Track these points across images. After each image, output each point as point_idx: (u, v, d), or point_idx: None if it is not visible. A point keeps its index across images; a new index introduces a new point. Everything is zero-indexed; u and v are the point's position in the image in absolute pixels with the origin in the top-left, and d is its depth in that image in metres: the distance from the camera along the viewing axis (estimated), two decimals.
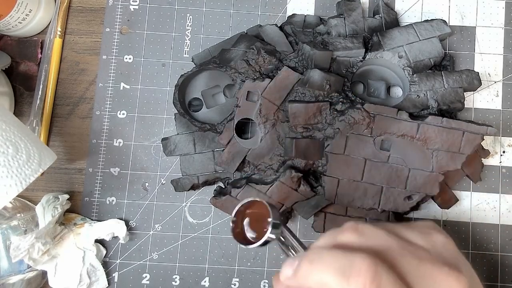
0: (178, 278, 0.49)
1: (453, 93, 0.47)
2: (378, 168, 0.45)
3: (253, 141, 0.47)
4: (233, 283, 0.49)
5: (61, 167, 0.51)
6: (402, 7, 0.52)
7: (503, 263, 0.48)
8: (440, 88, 0.47)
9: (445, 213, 0.49)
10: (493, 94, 0.50)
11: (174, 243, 0.49)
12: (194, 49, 0.51)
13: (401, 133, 0.45)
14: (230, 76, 0.48)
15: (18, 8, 0.48)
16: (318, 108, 0.45)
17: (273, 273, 0.49)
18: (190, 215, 0.50)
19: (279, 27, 0.49)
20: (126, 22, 0.52)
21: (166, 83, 0.51)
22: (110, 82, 0.51)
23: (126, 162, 0.50)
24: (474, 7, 0.51)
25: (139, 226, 0.50)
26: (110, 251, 0.49)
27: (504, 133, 0.50)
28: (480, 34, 0.51)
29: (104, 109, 0.51)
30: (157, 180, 0.50)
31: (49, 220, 0.46)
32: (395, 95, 0.50)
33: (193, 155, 0.49)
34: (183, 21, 0.52)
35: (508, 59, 0.51)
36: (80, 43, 0.52)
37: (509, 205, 0.49)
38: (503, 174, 0.50)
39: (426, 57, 0.47)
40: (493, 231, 0.49)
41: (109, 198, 0.50)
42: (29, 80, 0.51)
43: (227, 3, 0.52)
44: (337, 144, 0.45)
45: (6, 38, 0.51)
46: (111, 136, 0.51)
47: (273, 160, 0.47)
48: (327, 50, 0.46)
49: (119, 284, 0.49)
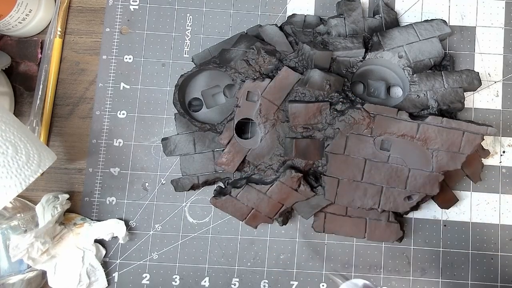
0: (178, 278, 0.49)
1: (453, 93, 0.47)
2: (378, 168, 0.45)
3: (253, 141, 0.47)
4: (233, 283, 0.49)
5: (61, 167, 0.51)
6: (402, 7, 0.52)
7: (503, 263, 0.48)
8: (440, 88, 0.47)
9: (445, 213, 0.49)
10: (493, 94, 0.50)
11: (174, 243, 0.49)
12: (194, 49, 0.51)
13: (401, 133, 0.45)
14: (230, 76, 0.48)
15: (18, 8, 0.47)
16: (318, 108, 0.45)
17: (273, 273, 0.49)
18: (190, 215, 0.50)
19: (279, 27, 0.49)
20: (126, 22, 0.52)
21: (166, 83, 0.51)
22: (110, 82, 0.51)
23: (126, 162, 0.50)
24: (474, 7, 0.51)
25: (139, 226, 0.50)
26: (110, 251, 0.49)
27: (504, 133, 0.50)
28: (480, 34, 0.51)
29: (104, 109, 0.51)
30: (157, 180, 0.50)
31: (49, 219, 0.46)
32: (395, 95, 0.50)
33: (193, 155, 0.49)
34: (183, 21, 0.52)
35: (508, 59, 0.51)
36: (80, 43, 0.52)
37: (509, 205, 0.49)
38: (503, 174, 0.50)
39: (426, 57, 0.47)
40: (493, 231, 0.49)
41: (109, 198, 0.50)
42: (29, 80, 0.51)
43: (227, 3, 0.52)
44: (337, 144, 0.45)
45: (6, 38, 0.51)
46: (111, 136, 0.51)
47: (273, 160, 0.47)
48: (327, 50, 0.46)
49: (119, 284, 0.49)
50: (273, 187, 0.46)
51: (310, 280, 0.49)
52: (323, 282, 0.49)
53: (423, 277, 0.49)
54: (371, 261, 0.49)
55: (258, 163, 0.47)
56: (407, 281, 0.49)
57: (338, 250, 0.49)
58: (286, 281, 0.49)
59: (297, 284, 0.49)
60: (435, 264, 0.49)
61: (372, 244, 0.49)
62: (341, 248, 0.49)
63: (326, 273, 0.49)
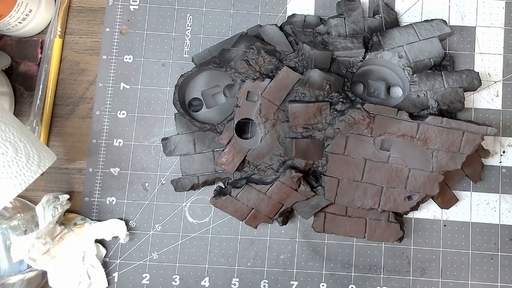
0: (178, 278, 0.49)
1: (453, 93, 0.47)
2: (378, 168, 0.45)
3: (253, 141, 0.47)
4: (233, 283, 0.49)
5: (61, 167, 0.51)
6: (402, 7, 0.51)
7: (503, 263, 0.49)
8: (440, 88, 0.47)
9: (445, 213, 0.49)
10: (493, 94, 0.50)
11: (174, 243, 0.49)
12: (194, 49, 0.51)
13: (401, 133, 0.45)
14: (230, 76, 0.48)
15: (18, 8, 0.47)
16: (318, 108, 0.45)
17: (273, 273, 0.49)
18: (190, 215, 0.50)
19: (279, 27, 0.49)
20: (126, 22, 0.52)
21: (166, 83, 0.51)
22: (110, 82, 0.51)
23: (126, 162, 0.50)
24: (474, 7, 0.51)
25: (139, 226, 0.50)
26: (110, 251, 0.49)
27: (504, 133, 0.50)
28: (480, 34, 0.51)
29: (104, 109, 0.51)
30: (157, 180, 0.50)
31: (49, 220, 0.46)
32: (395, 95, 0.50)
33: (193, 155, 0.49)
34: (183, 21, 0.52)
35: (508, 59, 0.51)
36: (80, 43, 0.52)
37: (509, 205, 0.49)
38: (503, 174, 0.50)
39: (426, 57, 0.47)
40: (493, 231, 0.49)
41: (109, 198, 0.50)
42: (29, 80, 0.51)
43: (227, 3, 0.52)
44: (337, 144, 0.45)
45: (6, 38, 0.51)
46: (111, 136, 0.51)
47: (273, 160, 0.47)
48: (327, 50, 0.46)
49: (119, 284, 0.49)
50: (273, 187, 0.46)
51: (310, 280, 0.49)
52: (323, 282, 0.49)
53: (423, 277, 0.49)
54: (371, 261, 0.49)
55: (258, 163, 0.47)
56: (407, 281, 0.49)
57: (338, 250, 0.49)
58: (286, 281, 0.49)
59: (297, 284, 0.49)
60: (435, 264, 0.49)
61: (372, 244, 0.49)
62: (341, 248, 0.49)
63: (326, 273, 0.49)
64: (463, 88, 0.47)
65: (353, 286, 0.49)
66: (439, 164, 0.45)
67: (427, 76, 0.47)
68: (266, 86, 0.46)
